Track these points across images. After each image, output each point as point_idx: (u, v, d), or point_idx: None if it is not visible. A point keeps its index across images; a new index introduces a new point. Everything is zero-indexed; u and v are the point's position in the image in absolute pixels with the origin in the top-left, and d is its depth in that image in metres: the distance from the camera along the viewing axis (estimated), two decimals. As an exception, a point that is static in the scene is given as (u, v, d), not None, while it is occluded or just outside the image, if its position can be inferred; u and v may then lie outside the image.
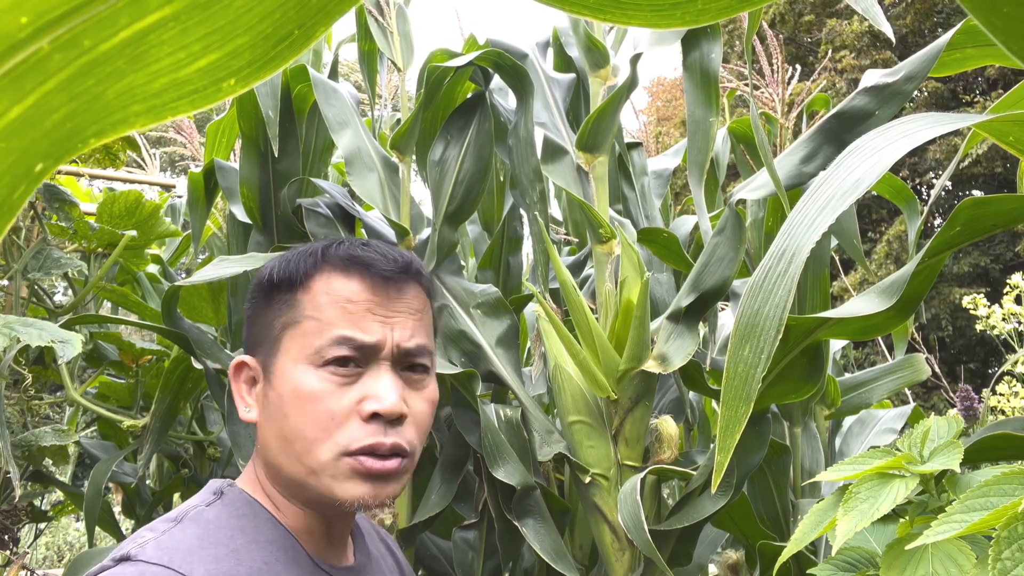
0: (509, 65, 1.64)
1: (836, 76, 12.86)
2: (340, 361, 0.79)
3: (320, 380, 0.78)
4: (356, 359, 0.80)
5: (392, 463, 0.79)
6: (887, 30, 1.16)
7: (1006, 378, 2.02)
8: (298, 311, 0.82)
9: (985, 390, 1.82)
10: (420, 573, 1.90)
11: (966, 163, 11.52)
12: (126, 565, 0.72)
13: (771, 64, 1.79)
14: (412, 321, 0.84)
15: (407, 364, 0.83)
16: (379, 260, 0.83)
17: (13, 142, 0.26)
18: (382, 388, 0.79)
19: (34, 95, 0.26)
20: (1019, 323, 1.91)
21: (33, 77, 0.26)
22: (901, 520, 0.86)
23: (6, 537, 1.89)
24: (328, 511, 0.82)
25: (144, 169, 2.92)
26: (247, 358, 0.85)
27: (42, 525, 3.04)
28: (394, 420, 0.79)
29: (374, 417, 0.78)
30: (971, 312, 1.97)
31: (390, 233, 1.80)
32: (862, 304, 1.10)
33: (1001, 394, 2.00)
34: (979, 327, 1.96)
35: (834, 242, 1.89)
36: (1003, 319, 1.91)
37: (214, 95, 0.30)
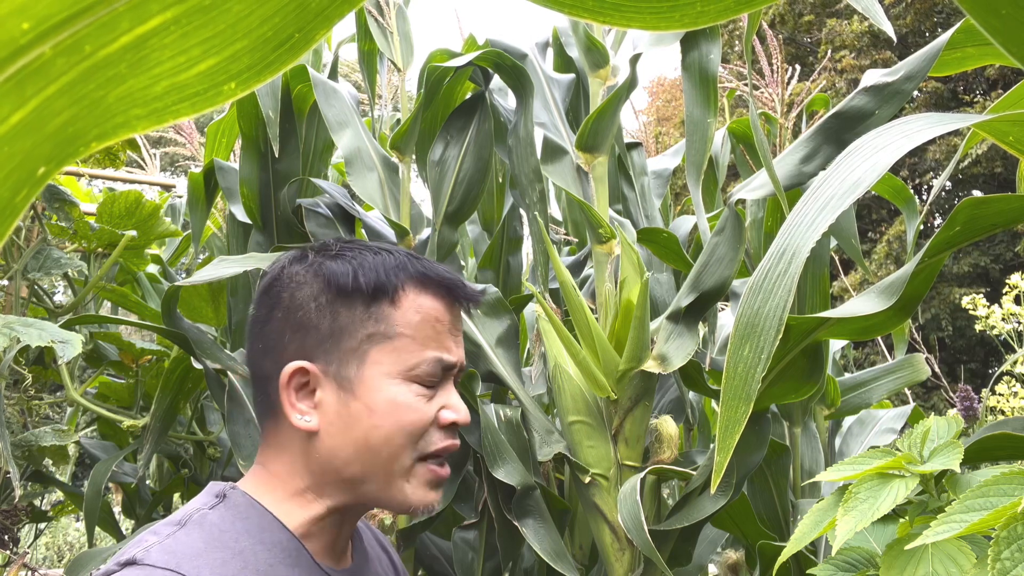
0: (509, 65, 1.64)
1: (836, 76, 12.87)
2: (429, 377, 0.86)
3: (414, 394, 0.85)
4: (439, 375, 0.88)
5: (447, 468, 0.89)
6: (888, 29, 1.16)
7: (1006, 378, 2.02)
8: (389, 325, 0.85)
9: (985, 390, 1.82)
10: (420, 573, 1.90)
11: (966, 163, 11.52)
12: (132, 569, 0.71)
13: (771, 64, 1.79)
14: (462, 341, 0.93)
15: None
16: (458, 284, 0.91)
17: (15, 146, 0.26)
18: (458, 401, 0.89)
19: (36, 100, 0.26)
20: (1019, 323, 1.91)
21: (35, 82, 0.26)
22: (901, 520, 0.86)
23: (6, 537, 1.89)
24: (359, 511, 0.88)
25: (144, 169, 2.92)
26: (307, 364, 0.83)
27: (42, 525, 3.04)
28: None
29: (451, 425, 0.88)
30: (971, 312, 1.97)
31: (390, 233, 1.79)
32: (862, 304, 1.09)
33: (1001, 394, 1.99)
34: (979, 327, 1.95)
35: (834, 242, 1.88)
36: (1003, 319, 1.91)
37: (214, 99, 0.30)
